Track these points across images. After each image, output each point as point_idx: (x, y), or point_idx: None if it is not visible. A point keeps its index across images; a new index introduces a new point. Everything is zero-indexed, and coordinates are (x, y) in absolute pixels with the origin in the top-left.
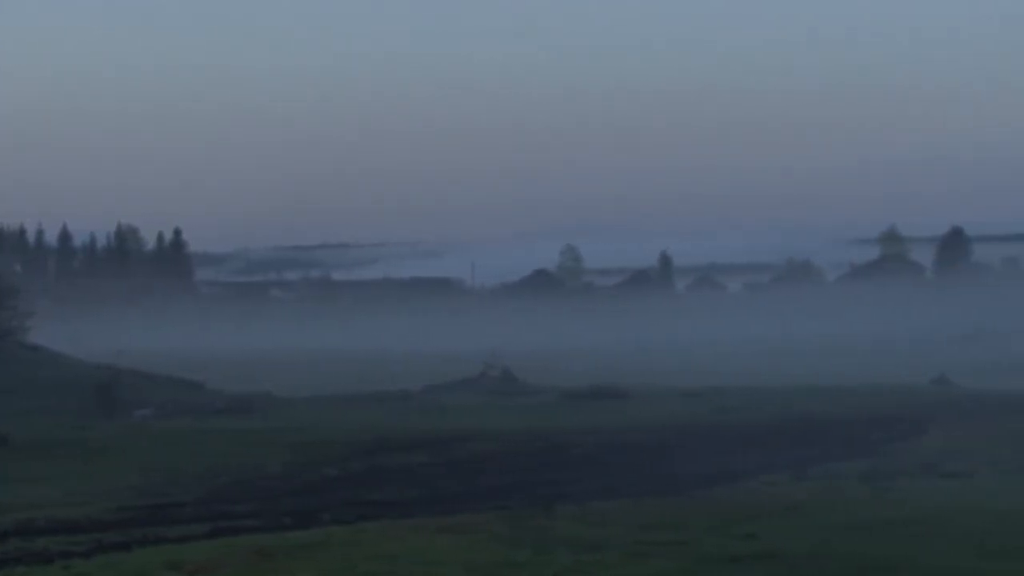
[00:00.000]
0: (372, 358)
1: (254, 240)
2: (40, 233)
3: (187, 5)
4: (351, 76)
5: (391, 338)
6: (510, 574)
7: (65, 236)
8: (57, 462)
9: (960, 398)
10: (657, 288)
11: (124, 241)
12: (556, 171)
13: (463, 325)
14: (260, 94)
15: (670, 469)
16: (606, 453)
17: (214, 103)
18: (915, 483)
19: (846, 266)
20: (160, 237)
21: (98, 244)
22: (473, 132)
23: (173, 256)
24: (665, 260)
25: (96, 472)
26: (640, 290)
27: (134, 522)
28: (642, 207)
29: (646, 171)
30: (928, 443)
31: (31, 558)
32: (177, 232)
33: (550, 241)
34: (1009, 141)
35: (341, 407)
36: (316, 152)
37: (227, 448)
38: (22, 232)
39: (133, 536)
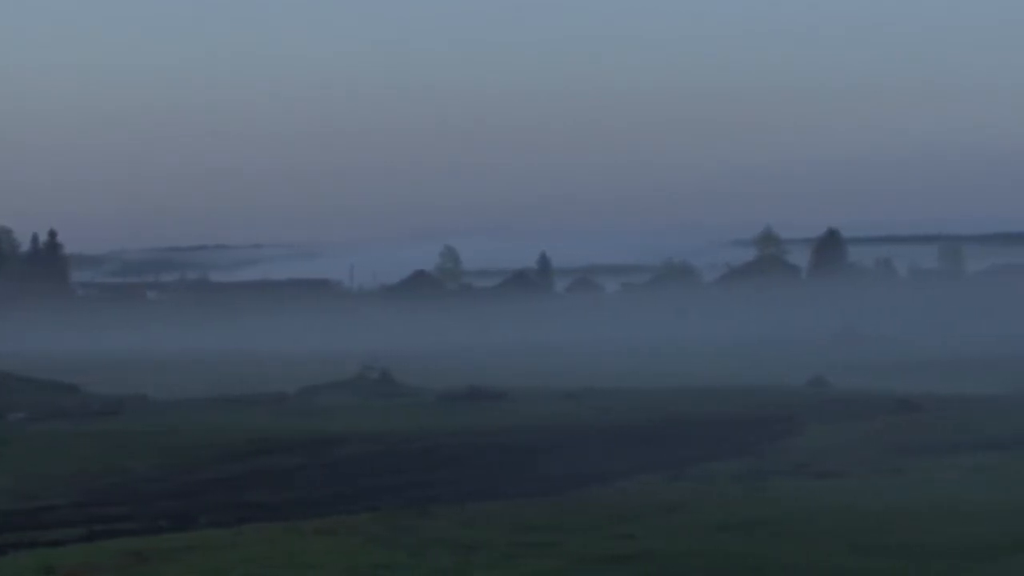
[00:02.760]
0: (249, 360)
1: (131, 241)
2: None
3: (57, 2)
4: (228, 76)
5: (269, 340)
6: None
7: None
8: None
9: (835, 398)
10: (536, 289)
11: None
12: (435, 172)
13: (341, 326)
14: (135, 93)
15: (547, 470)
16: (483, 454)
17: (89, 102)
18: (789, 483)
19: (723, 267)
20: (35, 238)
21: None
22: (352, 133)
23: (48, 258)
24: (544, 261)
25: None
26: (519, 291)
27: (7, 526)
28: (521, 208)
29: (525, 172)
30: (802, 443)
31: None
32: (52, 234)
33: (429, 242)
34: (883, 144)
35: (217, 409)
36: (193, 153)
37: (101, 451)
38: None
39: (6, 540)
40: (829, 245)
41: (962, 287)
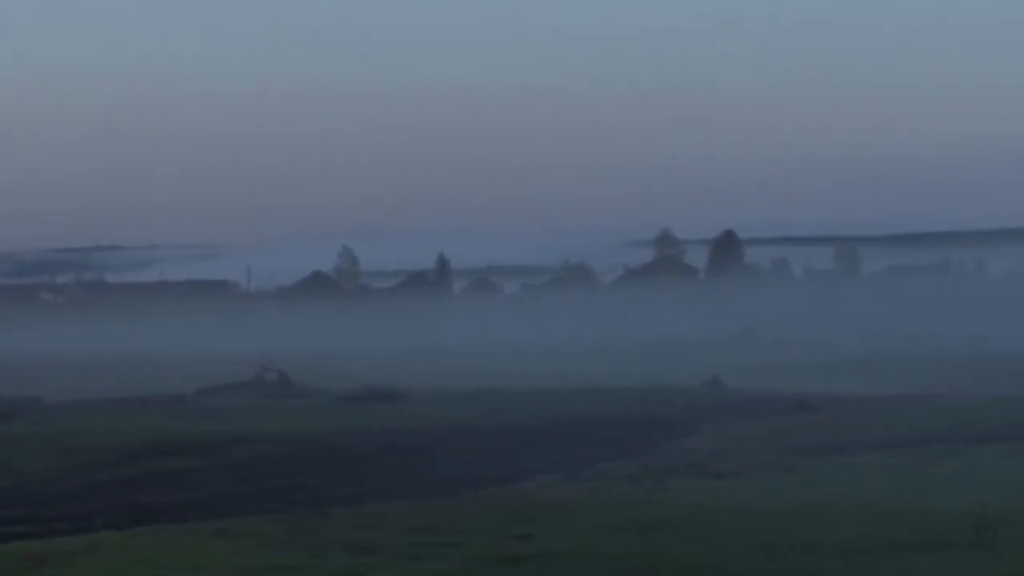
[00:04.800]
0: (146, 361)
1: (25, 242)
2: None
3: None
4: (123, 76)
5: (165, 341)
6: None
7: None
8: None
9: (732, 399)
10: (434, 290)
11: None
12: (332, 172)
13: (238, 328)
14: (29, 92)
15: (446, 471)
16: (381, 455)
17: None
18: (686, 483)
19: (621, 268)
20: None
21: None
22: (249, 133)
23: None
24: (442, 262)
25: None
26: (417, 292)
27: None
28: (419, 209)
29: (423, 172)
30: (699, 444)
31: None
32: None
33: (326, 243)
34: (779, 146)
35: (112, 411)
36: (88, 152)
37: None
38: None
39: None
40: (726, 246)
41: (857, 288)
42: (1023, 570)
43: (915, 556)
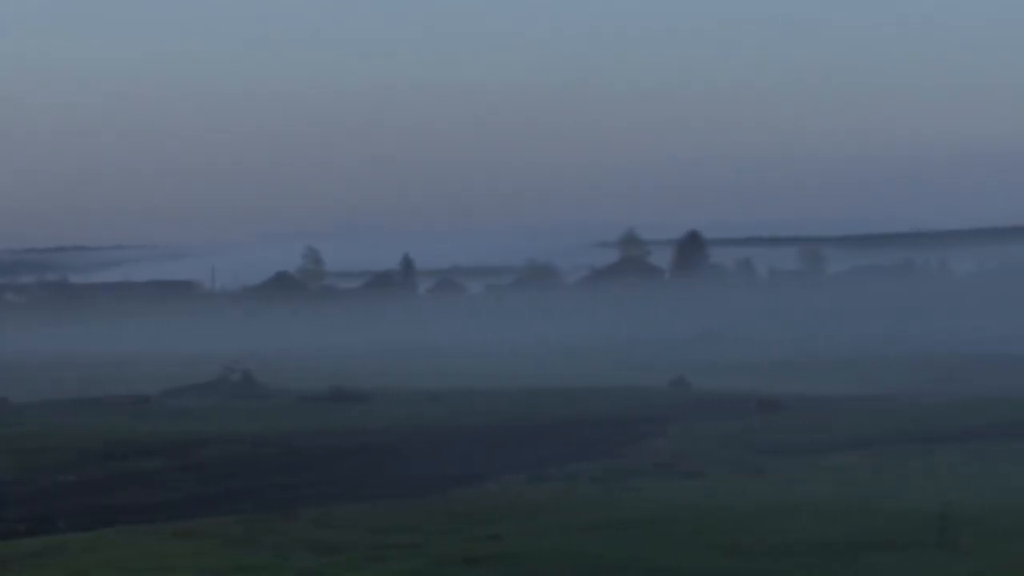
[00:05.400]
0: (110, 362)
1: None
2: None
3: None
4: (88, 74)
5: (130, 342)
6: None
7: None
8: None
9: (697, 399)
10: (399, 290)
11: None
12: (297, 173)
13: (203, 328)
14: None
15: (411, 471)
16: (346, 456)
17: None
18: (651, 483)
19: (586, 269)
20: None
21: None
22: (214, 133)
23: None
24: (407, 262)
25: None
26: (382, 293)
27: None
28: (384, 209)
29: (388, 173)
30: (664, 444)
31: None
32: None
33: (291, 243)
34: (743, 146)
35: (77, 412)
36: (52, 152)
37: None
38: None
39: None
40: (691, 247)
41: (822, 288)
42: (986, 569)
43: (879, 556)
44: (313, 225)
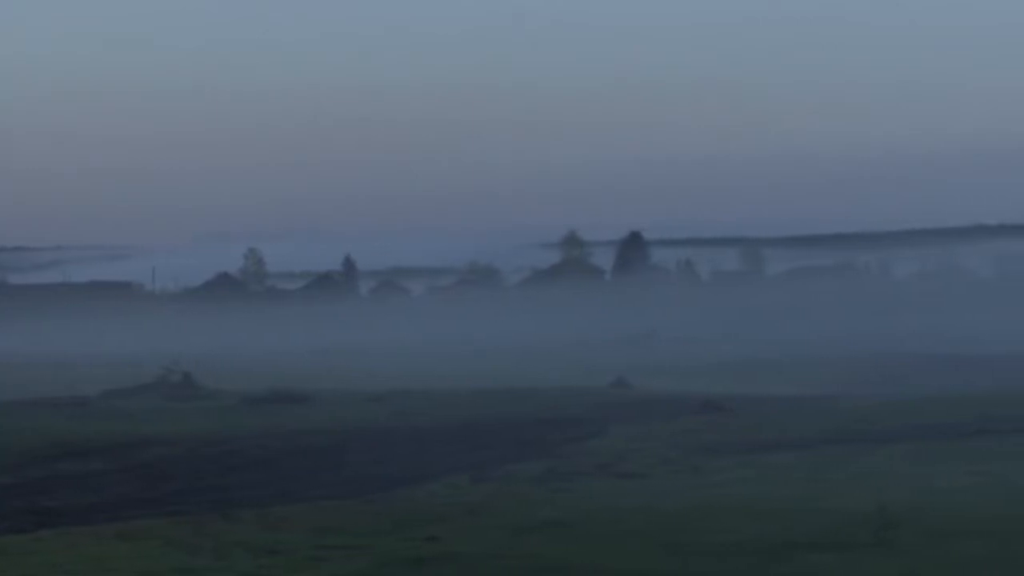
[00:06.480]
0: (49, 363)
1: None
2: None
3: None
4: (23, 73)
5: (69, 343)
6: None
7: None
8: None
9: (637, 400)
10: (341, 292)
11: None
12: (238, 173)
13: (143, 329)
14: None
15: (352, 472)
16: (286, 457)
17: None
18: (591, 484)
19: (527, 270)
20: None
21: None
22: (154, 133)
23: None
24: (349, 263)
25: None
26: (324, 294)
27: None
28: (325, 210)
29: (329, 173)
30: (605, 444)
31: None
32: None
33: (233, 244)
34: (684, 147)
35: (15, 413)
36: None
37: None
38: None
39: None
40: (632, 247)
41: (762, 289)
42: (922, 568)
43: (817, 555)
44: (255, 226)
